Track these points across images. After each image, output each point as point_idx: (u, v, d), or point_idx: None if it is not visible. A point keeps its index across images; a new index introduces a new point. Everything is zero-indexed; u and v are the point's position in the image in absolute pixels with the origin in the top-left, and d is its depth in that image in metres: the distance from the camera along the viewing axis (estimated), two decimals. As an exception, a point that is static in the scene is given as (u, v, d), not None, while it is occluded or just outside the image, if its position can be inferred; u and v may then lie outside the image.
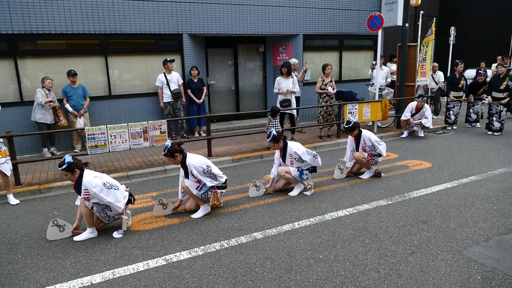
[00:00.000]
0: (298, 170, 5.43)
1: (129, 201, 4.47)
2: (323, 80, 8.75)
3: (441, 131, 9.82)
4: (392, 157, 7.39)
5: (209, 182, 4.69)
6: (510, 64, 13.17)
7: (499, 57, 13.29)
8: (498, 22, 17.59)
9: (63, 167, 4.07)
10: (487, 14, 17.56)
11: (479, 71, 9.98)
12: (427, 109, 9.13)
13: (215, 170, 4.76)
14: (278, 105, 8.34)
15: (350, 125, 5.99)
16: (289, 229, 4.38)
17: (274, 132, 5.36)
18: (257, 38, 10.94)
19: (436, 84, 11.20)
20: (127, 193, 4.43)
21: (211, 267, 3.62)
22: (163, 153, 4.73)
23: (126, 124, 6.50)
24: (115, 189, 4.21)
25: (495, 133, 9.25)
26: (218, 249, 3.96)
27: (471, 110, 10.25)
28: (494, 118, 9.29)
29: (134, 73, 9.04)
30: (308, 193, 5.47)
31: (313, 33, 11.04)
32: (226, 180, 4.93)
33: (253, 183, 5.49)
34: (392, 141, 8.86)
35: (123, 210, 4.31)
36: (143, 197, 5.59)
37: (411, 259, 3.69)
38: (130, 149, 6.57)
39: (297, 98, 9.41)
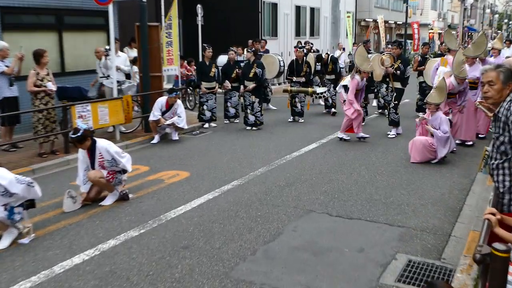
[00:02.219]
0: (6, 209, 4.90)
1: None
2: (38, 73, 8.25)
3: (198, 131, 10.88)
4: (143, 170, 7.66)
5: None
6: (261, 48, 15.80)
7: (250, 41, 15.79)
8: (248, 4, 20.90)
9: None
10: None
11: (231, 48, 11.62)
12: (180, 105, 9.90)
13: None
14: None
15: (78, 134, 5.84)
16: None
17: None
18: None
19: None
20: None
21: None
22: None
23: None
24: None
25: (253, 128, 10.91)
26: None
27: (228, 104, 11.75)
28: (248, 111, 10.96)
29: None
30: (25, 240, 5.04)
31: (15, 5, 10.16)
32: None
33: None
34: (141, 149, 9.20)
35: None
36: None
37: (172, 299, 3.88)
38: None
39: (13, 99, 8.62)
